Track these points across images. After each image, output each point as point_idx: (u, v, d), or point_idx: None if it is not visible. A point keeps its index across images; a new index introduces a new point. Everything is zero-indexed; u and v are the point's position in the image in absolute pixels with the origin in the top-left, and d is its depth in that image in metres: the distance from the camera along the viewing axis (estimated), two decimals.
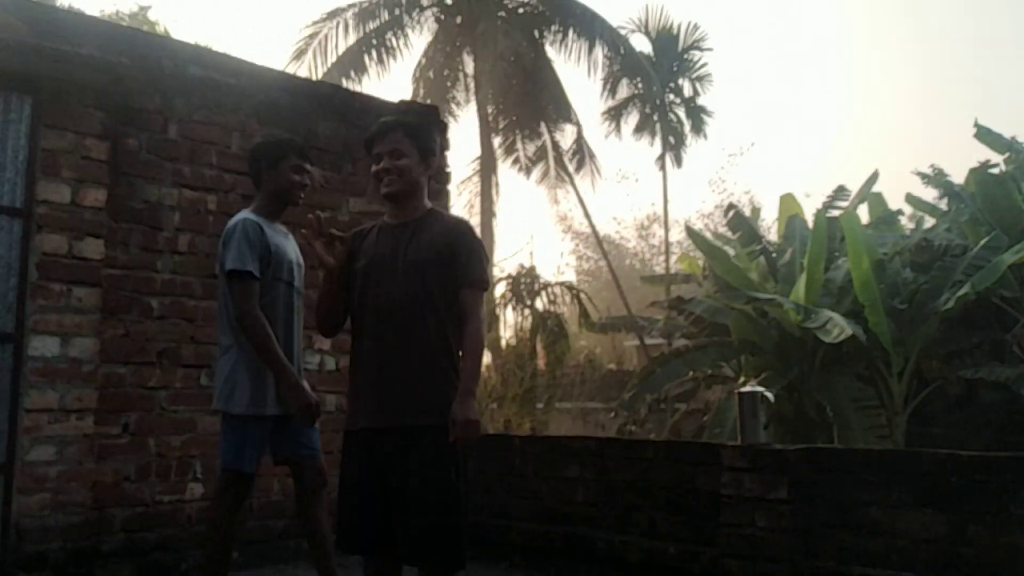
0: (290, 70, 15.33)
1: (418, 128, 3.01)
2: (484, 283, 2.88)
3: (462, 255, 2.83)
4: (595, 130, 35.03)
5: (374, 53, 17.11)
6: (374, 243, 2.90)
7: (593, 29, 17.52)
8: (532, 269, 14.89)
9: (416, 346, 2.76)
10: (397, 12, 17.50)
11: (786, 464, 4.05)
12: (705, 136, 21.98)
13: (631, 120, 20.95)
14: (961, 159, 44.86)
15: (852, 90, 60.19)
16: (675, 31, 21.34)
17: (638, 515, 4.63)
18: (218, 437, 3.56)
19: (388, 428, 2.75)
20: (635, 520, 4.64)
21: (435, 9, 17.98)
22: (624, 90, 19.40)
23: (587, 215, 20.88)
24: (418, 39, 18.23)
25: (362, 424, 2.81)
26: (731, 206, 13.68)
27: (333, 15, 17.04)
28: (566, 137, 19.14)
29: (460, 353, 2.85)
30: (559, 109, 18.57)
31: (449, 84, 18.24)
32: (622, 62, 18.09)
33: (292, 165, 3.56)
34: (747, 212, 16.25)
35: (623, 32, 19.75)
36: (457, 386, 2.76)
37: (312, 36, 16.93)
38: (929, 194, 14.50)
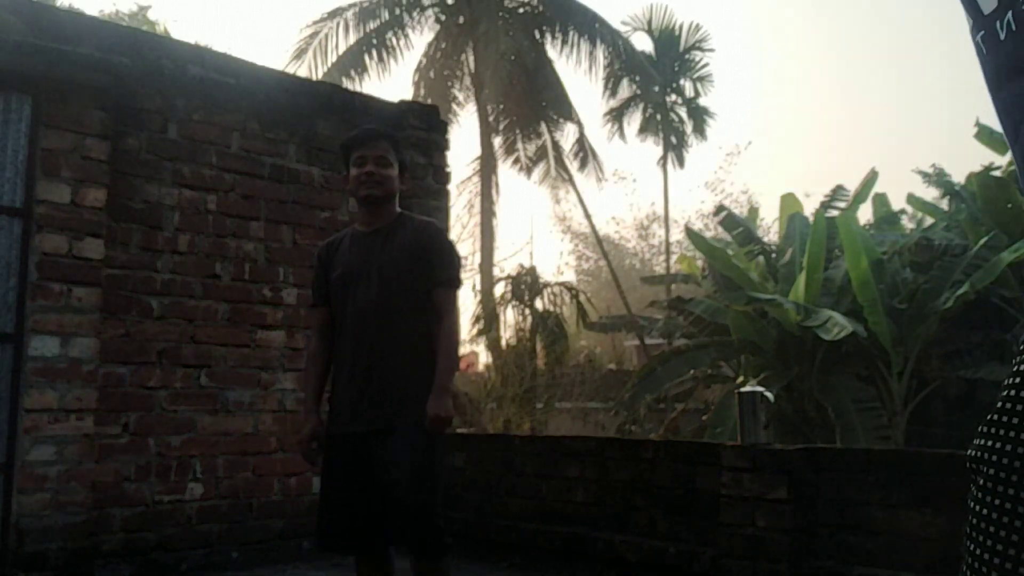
0: (290, 70, 15.33)
1: (399, 142, 3.05)
2: (456, 282, 2.95)
3: (433, 256, 2.89)
4: (598, 130, 35.15)
5: (374, 53, 17.10)
6: (347, 252, 2.95)
7: (594, 29, 17.54)
8: (532, 269, 14.88)
9: (394, 349, 2.82)
10: (398, 12, 17.50)
11: (786, 464, 4.05)
12: (705, 137, 22.03)
13: (634, 121, 21.01)
14: (964, 158, 44.85)
15: (853, 89, 60.18)
16: (677, 31, 21.38)
17: (638, 515, 4.63)
18: None
19: (369, 431, 2.80)
20: (635, 520, 4.63)
21: (436, 9, 17.98)
22: (625, 90, 19.43)
23: (587, 215, 20.90)
24: (419, 39, 18.27)
25: (345, 428, 2.85)
26: (721, 207, 13.69)
27: (333, 15, 17.05)
28: (567, 137, 19.17)
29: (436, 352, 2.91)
30: (560, 109, 18.58)
31: (450, 84, 18.24)
32: (623, 62, 18.10)
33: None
34: (745, 212, 16.23)
35: (625, 31, 19.82)
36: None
37: (312, 36, 16.93)
38: (931, 194, 14.50)
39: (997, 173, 11.10)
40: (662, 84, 20.80)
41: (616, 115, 20.83)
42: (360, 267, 2.88)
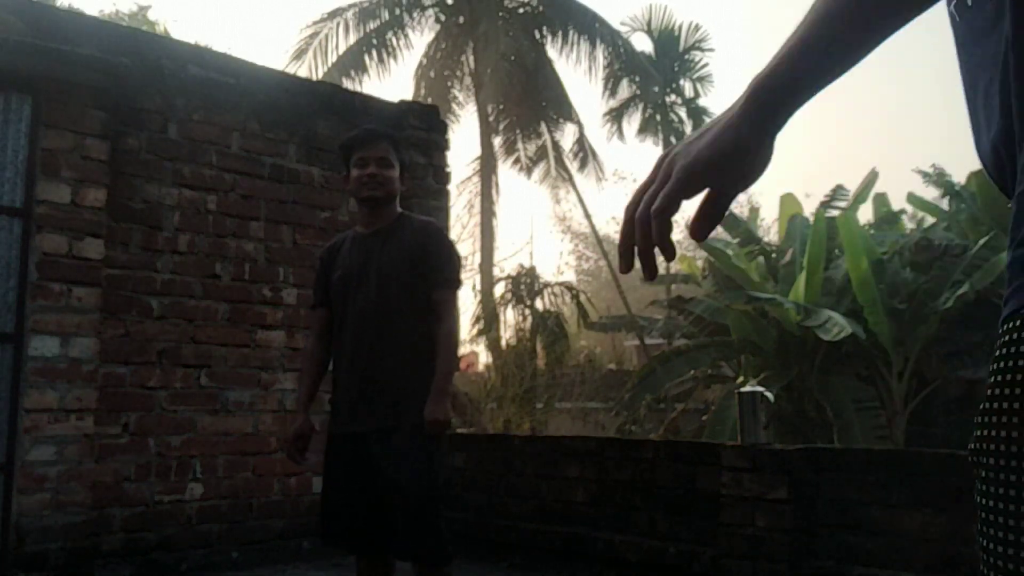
0: (290, 70, 15.32)
1: (400, 143, 3.05)
2: (455, 282, 2.94)
3: (432, 256, 2.88)
4: (598, 131, 35.24)
5: (374, 53, 17.09)
6: (348, 253, 2.95)
7: (594, 29, 17.53)
8: (532, 269, 14.88)
9: (393, 350, 2.82)
10: (398, 12, 17.49)
11: (786, 464, 4.05)
12: None
13: (633, 121, 20.99)
14: (964, 158, 44.82)
15: (853, 89, 60.17)
16: (677, 31, 21.38)
17: (638, 515, 4.63)
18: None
19: (368, 431, 2.79)
20: (635, 520, 4.63)
21: (436, 9, 17.98)
22: (625, 90, 19.41)
23: (587, 215, 20.90)
24: (419, 39, 18.25)
25: (345, 428, 2.85)
26: None
27: (333, 15, 17.04)
28: (567, 137, 19.16)
29: (435, 353, 2.91)
30: (560, 109, 18.57)
31: (450, 84, 18.23)
32: (623, 62, 18.10)
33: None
34: (745, 212, 16.24)
35: (625, 31, 19.78)
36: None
37: (312, 36, 16.92)
38: (931, 194, 14.50)
39: None
40: (662, 84, 20.79)
41: (616, 115, 20.82)
42: (360, 268, 2.88)
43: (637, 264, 0.97)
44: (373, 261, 2.87)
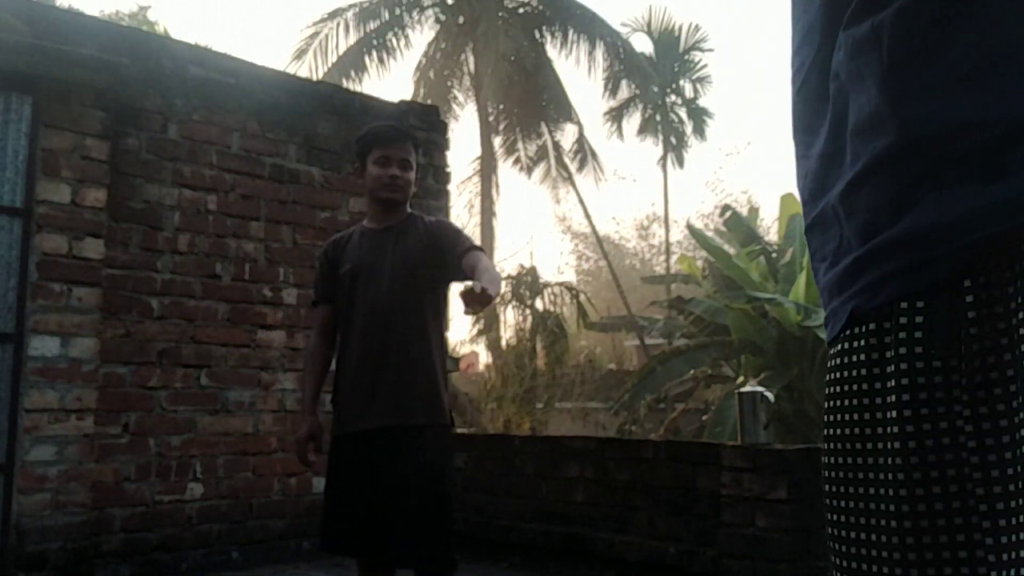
0: (290, 70, 15.33)
1: (419, 143, 3.02)
2: (479, 248, 2.86)
3: (447, 240, 2.84)
4: (598, 130, 35.25)
5: (374, 53, 17.11)
6: (357, 248, 2.90)
7: (593, 29, 17.55)
8: (532, 269, 14.89)
9: (404, 348, 2.78)
10: (398, 12, 17.50)
11: (786, 464, 4.05)
12: (704, 137, 22.07)
13: (633, 121, 21.05)
14: None
15: None
16: (677, 32, 21.42)
17: (638, 515, 4.63)
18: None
19: (378, 430, 2.75)
20: (635, 520, 4.64)
21: (436, 9, 17.99)
22: (625, 90, 19.45)
23: (587, 215, 20.91)
24: (419, 39, 18.40)
25: (352, 428, 2.81)
26: (727, 207, 13.73)
27: (333, 15, 17.06)
28: (567, 137, 19.19)
29: (444, 356, 2.90)
30: (560, 109, 18.59)
31: (450, 84, 18.25)
32: (622, 62, 18.12)
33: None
34: (745, 212, 16.26)
35: (625, 32, 19.85)
36: (445, 386, 2.83)
37: (312, 36, 16.94)
38: None
39: None
40: (662, 85, 20.83)
41: (616, 115, 20.87)
42: (371, 263, 2.84)
43: (636, 264, 0.97)
44: (386, 256, 2.83)
